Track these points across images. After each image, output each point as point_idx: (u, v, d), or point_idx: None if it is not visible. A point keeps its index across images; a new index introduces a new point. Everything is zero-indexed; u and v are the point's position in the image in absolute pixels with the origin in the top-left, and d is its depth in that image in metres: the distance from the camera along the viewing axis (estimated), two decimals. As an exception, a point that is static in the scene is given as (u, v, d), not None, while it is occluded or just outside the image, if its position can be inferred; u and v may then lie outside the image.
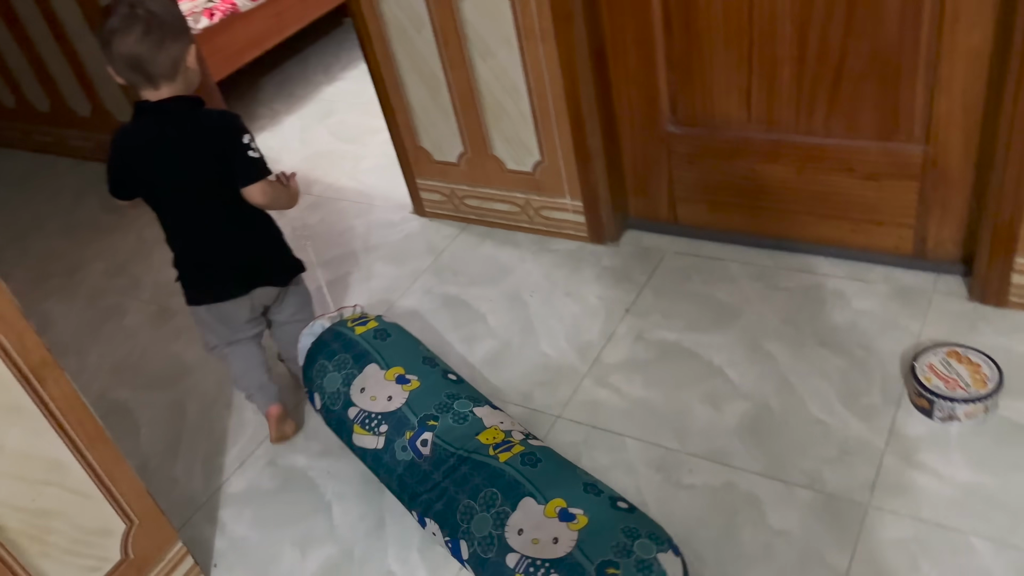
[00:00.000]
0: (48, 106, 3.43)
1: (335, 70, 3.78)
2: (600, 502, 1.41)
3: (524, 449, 1.52)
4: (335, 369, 1.74)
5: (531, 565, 1.34)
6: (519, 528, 1.39)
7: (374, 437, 1.64)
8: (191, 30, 1.69)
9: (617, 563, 1.29)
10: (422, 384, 1.68)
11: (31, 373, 1.27)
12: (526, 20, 1.97)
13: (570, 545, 1.34)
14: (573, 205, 2.28)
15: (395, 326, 1.85)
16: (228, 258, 1.80)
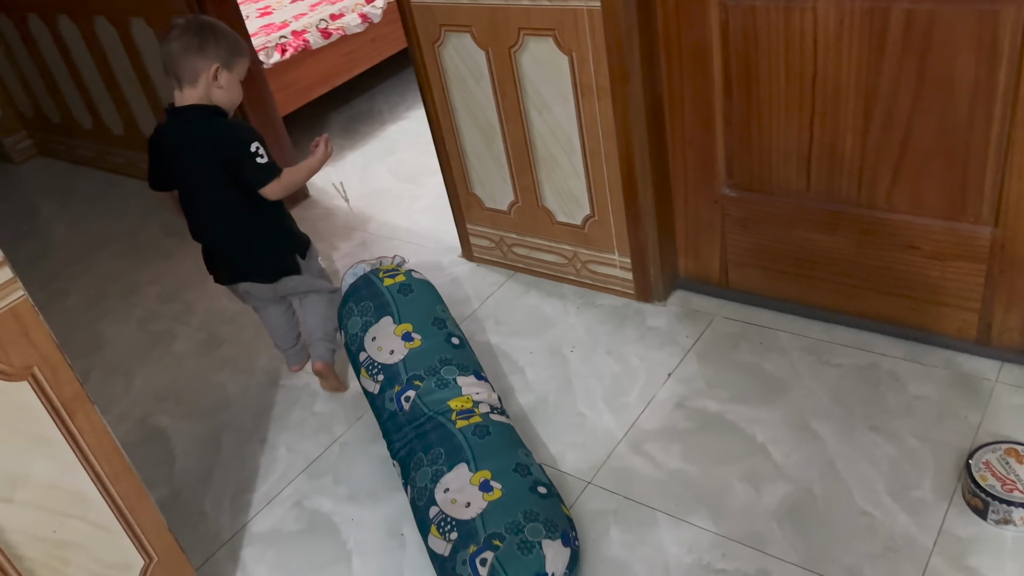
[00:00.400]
0: (122, 129, 3.57)
1: (400, 109, 3.84)
2: (521, 483, 1.59)
3: (481, 421, 1.73)
4: (359, 314, 1.95)
5: (443, 520, 1.56)
6: (446, 487, 1.61)
7: (373, 383, 1.87)
8: (230, 54, 1.86)
9: (504, 537, 1.48)
10: (422, 344, 1.87)
11: (62, 406, 1.29)
12: (584, 77, 1.96)
13: (477, 512, 1.54)
14: (621, 261, 2.24)
15: (422, 282, 2.02)
16: (221, 251, 2.06)
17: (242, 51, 1.90)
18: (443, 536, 1.55)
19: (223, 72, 1.84)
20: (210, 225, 2.00)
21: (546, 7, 1.91)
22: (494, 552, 1.46)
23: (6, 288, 1.19)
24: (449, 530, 1.54)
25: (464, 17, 2.07)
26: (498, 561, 1.45)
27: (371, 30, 3.70)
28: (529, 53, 2.02)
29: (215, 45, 1.83)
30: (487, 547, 1.47)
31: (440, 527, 1.56)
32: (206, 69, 1.82)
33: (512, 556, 1.46)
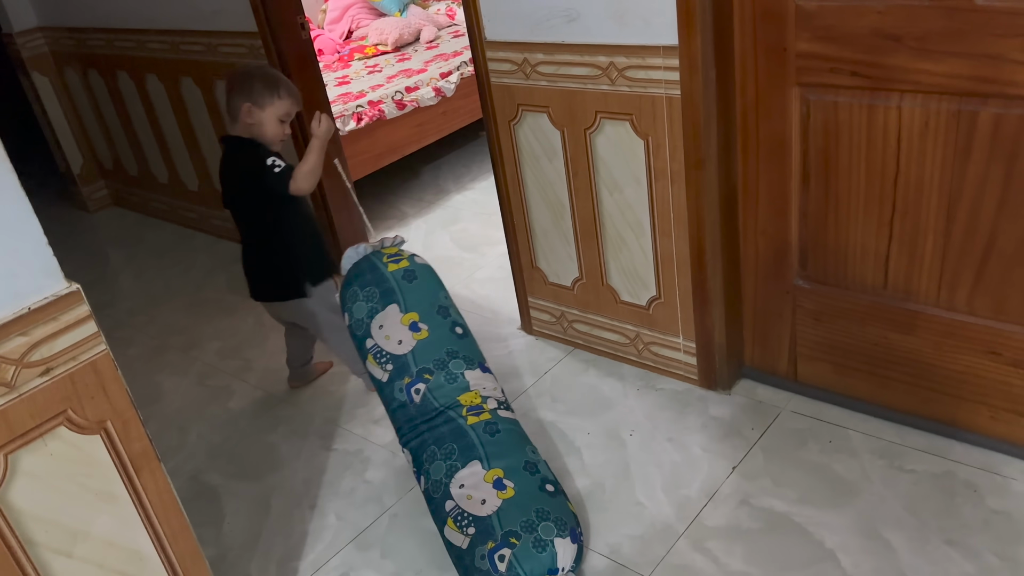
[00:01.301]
0: (196, 185, 3.68)
1: (465, 180, 3.90)
2: (531, 481, 1.73)
3: (490, 418, 1.83)
4: (364, 300, 1.97)
5: (460, 515, 1.70)
6: (461, 483, 1.73)
7: (382, 371, 1.92)
8: (262, 95, 2.09)
9: (520, 536, 1.63)
10: (430, 335, 1.92)
11: (130, 462, 1.29)
12: (658, 161, 1.97)
13: (493, 509, 1.67)
14: (686, 346, 2.20)
15: (424, 267, 2.05)
16: (245, 269, 2.34)
17: (276, 92, 2.10)
18: (460, 530, 1.69)
19: (255, 110, 2.08)
20: (243, 242, 2.29)
21: (625, 93, 1.93)
22: (511, 549, 1.62)
23: (89, 342, 1.21)
24: (466, 524, 1.68)
25: (542, 98, 2.11)
26: (515, 558, 1.61)
27: (443, 103, 3.79)
28: (604, 135, 2.04)
29: (250, 87, 2.08)
30: (504, 544, 1.62)
31: (457, 521, 1.69)
32: (239, 108, 2.09)
33: (528, 553, 1.61)
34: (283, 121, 2.13)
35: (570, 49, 1.98)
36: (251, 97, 2.08)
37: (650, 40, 1.82)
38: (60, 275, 1.17)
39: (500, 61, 2.15)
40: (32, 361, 1.15)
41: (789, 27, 1.72)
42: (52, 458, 1.20)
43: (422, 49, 4.37)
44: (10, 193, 1.11)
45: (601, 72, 1.95)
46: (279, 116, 2.11)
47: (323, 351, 2.56)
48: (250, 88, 2.08)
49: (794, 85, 1.77)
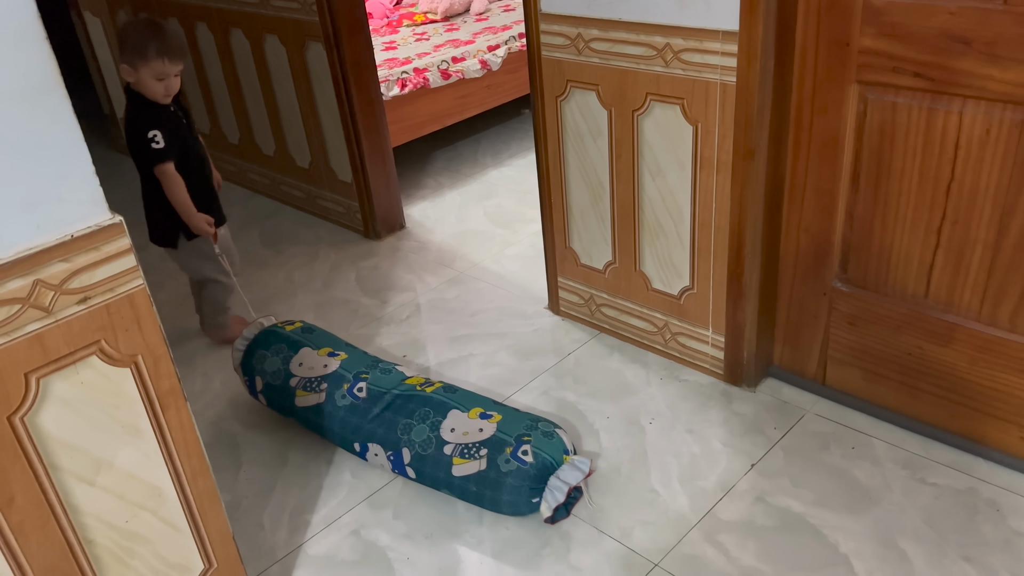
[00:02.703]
0: (238, 139, 3.70)
1: (504, 156, 3.88)
2: (509, 410, 1.91)
3: (443, 385, 1.98)
4: (273, 355, 2.13)
5: (465, 449, 1.79)
6: (451, 428, 1.84)
7: (316, 395, 2.02)
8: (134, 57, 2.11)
9: (529, 434, 1.80)
10: (350, 356, 2.10)
11: (157, 399, 1.30)
12: (706, 149, 1.94)
13: (492, 430, 1.81)
14: (714, 339, 2.18)
15: (317, 327, 2.26)
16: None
17: (145, 54, 2.10)
18: (472, 458, 1.78)
19: (130, 71, 2.12)
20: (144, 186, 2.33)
21: (678, 76, 1.90)
22: (529, 444, 1.77)
23: (128, 275, 1.21)
24: (476, 451, 1.79)
25: (593, 75, 2.08)
26: (537, 448, 1.76)
27: (488, 77, 3.77)
28: (653, 118, 2.01)
29: (124, 47, 2.12)
30: (521, 443, 1.77)
31: (464, 454, 1.79)
32: (120, 67, 2.16)
33: (543, 443, 1.78)
34: (161, 79, 2.14)
35: (626, 27, 1.95)
36: (126, 58, 2.11)
37: (710, 23, 1.79)
38: (105, 206, 1.18)
39: (553, 35, 2.12)
40: (71, 288, 1.16)
41: (855, 22, 1.67)
42: (83, 386, 1.22)
43: (471, 20, 4.34)
44: (64, 120, 1.11)
45: (656, 53, 1.92)
46: (154, 76, 2.12)
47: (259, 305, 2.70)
48: (126, 48, 2.11)
49: (853, 82, 1.73)
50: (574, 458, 1.79)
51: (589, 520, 1.81)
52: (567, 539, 1.78)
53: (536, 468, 1.73)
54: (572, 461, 1.78)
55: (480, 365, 2.39)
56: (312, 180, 3.37)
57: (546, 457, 1.75)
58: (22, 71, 1.06)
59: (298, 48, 3.03)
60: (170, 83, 2.17)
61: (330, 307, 2.77)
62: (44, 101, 1.09)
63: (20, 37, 1.05)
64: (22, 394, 1.16)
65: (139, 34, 2.13)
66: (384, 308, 2.74)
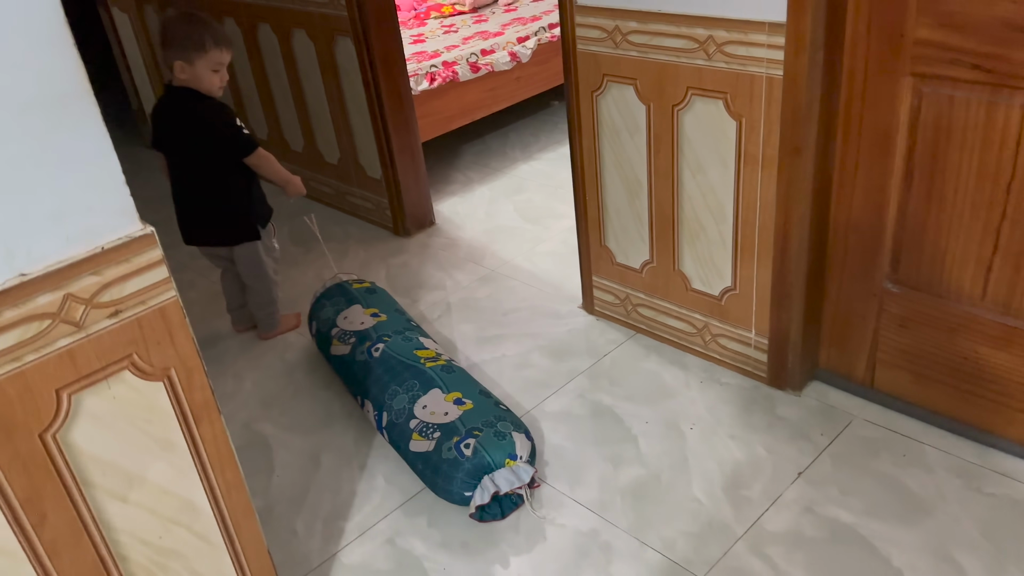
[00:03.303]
0: (266, 133, 3.67)
1: (533, 149, 3.82)
2: (487, 401, 1.94)
3: (445, 363, 2.07)
4: (331, 306, 2.37)
5: (425, 427, 1.88)
6: (424, 405, 1.93)
7: (345, 346, 2.22)
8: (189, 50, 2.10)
9: (482, 429, 1.82)
10: (388, 319, 2.27)
11: (191, 412, 1.27)
12: (750, 145, 1.87)
13: (455, 416, 1.87)
14: (757, 341, 2.11)
15: (383, 289, 2.46)
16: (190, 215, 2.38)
17: (203, 46, 2.10)
18: (426, 437, 1.86)
19: (186, 67, 2.11)
20: (185, 191, 2.33)
21: (721, 69, 1.83)
22: (475, 439, 1.80)
23: (160, 287, 1.18)
24: (431, 431, 1.86)
25: (631, 69, 2.01)
26: (480, 444, 1.79)
27: (517, 69, 3.71)
28: (693, 113, 1.94)
29: (178, 42, 2.10)
30: (469, 436, 1.81)
31: (422, 432, 1.87)
32: (172, 63, 2.12)
33: (490, 441, 1.80)
34: (216, 71, 2.15)
35: (666, 19, 1.88)
36: (181, 54, 2.10)
37: (755, 15, 1.71)
38: (136, 216, 1.14)
39: (589, 27, 2.05)
40: (102, 302, 1.13)
41: (910, 11, 1.59)
42: (115, 401, 1.18)
43: (500, 11, 4.27)
44: (93, 128, 1.07)
45: (698, 46, 1.85)
46: (211, 68, 2.13)
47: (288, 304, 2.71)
48: (178, 43, 2.10)
49: (907, 75, 1.65)
50: (518, 465, 1.79)
51: (630, 531, 1.76)
52: (607, 550, 1.73)
53: (471, 463, 1.76)
54: (514, 467, 1.78)
55: (513, 367, 2.34)
56: (341, 176, 3.34)
57: (485, 456, 1.77)
58: (48, 78, 1.02)
59: (326, 43, 2.98)
60: (223, 74, 2.18)
61: (361, 306, 2.73)
62: (71, 109, 1.05)
63: (46, 43, 1.01)
64: (53, 411, 1.12)
65: (191, 27, 2.11)
66: (415, 307, 2.69)
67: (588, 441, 2.03)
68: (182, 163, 2.29)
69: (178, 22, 2.14)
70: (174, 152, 2.29)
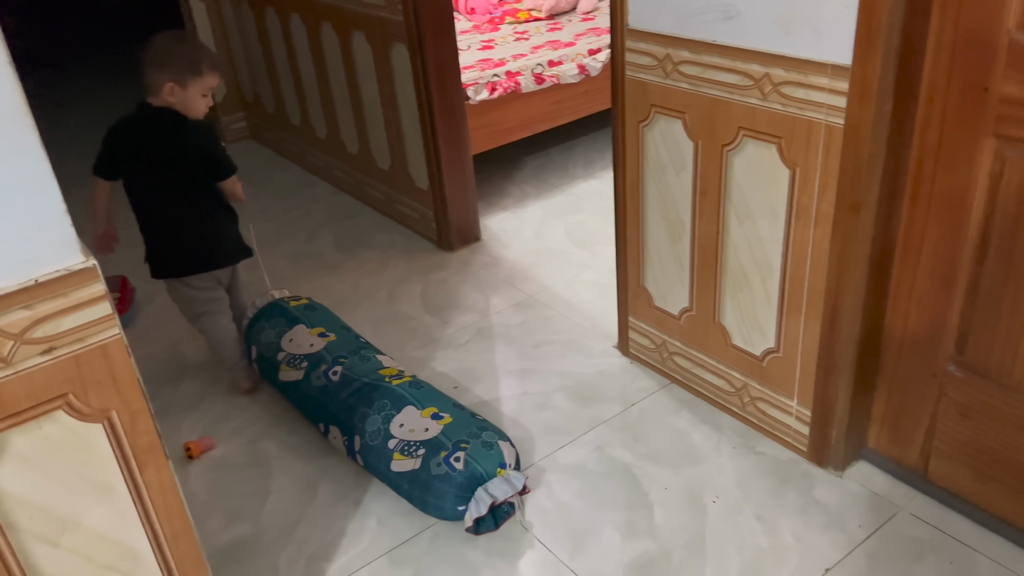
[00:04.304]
0: (325, 133, 3.62)
1: (596, 167, 3.65)
2: (463, 414, 1.92)
3: (411, 380, 2.03)
4: (271, 328, 2.25)
5: (406, 445, 1.83)
6: (401, 423, 1.88)
7: (296, 371, 2.13)
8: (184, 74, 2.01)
9: (468, 441, 1.81)
10: (338, 338, 2.20)
11: (134, 456, 1.17)
12: (803, 196, 1.67)
13: (437, 432, 1.84)
14: (799, 411, 1.90)
15: (321, 305, 2.37)
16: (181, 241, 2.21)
17: (199, 70, 2.02)
18: (409, 456, 1.82)
19: (177, 89, 2.01)
20: (168, 216, 2.15)
21: (777, 111, 1.64)
22: (464, 451, 1.78)
23: (101, 324, 1.08)
24: (415, 449, 1.82)
25: (680, 102, 1.84)
26: (470, 456, 1.77)
27: (586, 82, 3.54)
28: (744, 156, 1.75)
29: (173, 64, 2.00)
30: (457, 449, 1.79)
31: (404, 451, 1.83)
32: (163, 84, 2.00)
33: (479, 452, 1.79)
34: (205, 96, 2.07)
35: (721, 51, 1.69)
36: (175, 76, 2.00)
37: (817, 55, 1.52)
38: (77, 248, 1.05)
39: (639, 53, 1.88)
40: (34, 338, 1.04)
41: (997, 64, 1.37)
42: (46, 442, 1.10)
43: (576, 20, 4.11)
44: (29, 154, 0.98)
45: (753, 83, 1.66)
46: (202, 92, 2.06)
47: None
48: (172, 65, 2.00)
49: (990, 135, 1.42)
50: (509, 473, 1.79)
51: (627, 614, 1.60)
52: (598, 634, 1.57)
53: (464, 476, 1.74)
54: (506, 476, 1.78)
55: (533, 407, 2.19)
56: (391, 183, 3.25)
57: (476, 467, 1.75)
58: (-20, 98, 0.93)
59: (383, 47, 2.89)
60: (209, 99, 2.09)
61: (390, 322, 2.63)
62: (6, 131, 0.96)
63: (-24, 60, 0.92)
64: (-24, 449, 1.05)
65: (188, 49, 2.04)
66: (444, 329, 2.58)
67: (598, 503, 1.87)
68: (160, 186, 2.11)
69: (173, 42, 2.05)
70: (147, 174, 2.10)
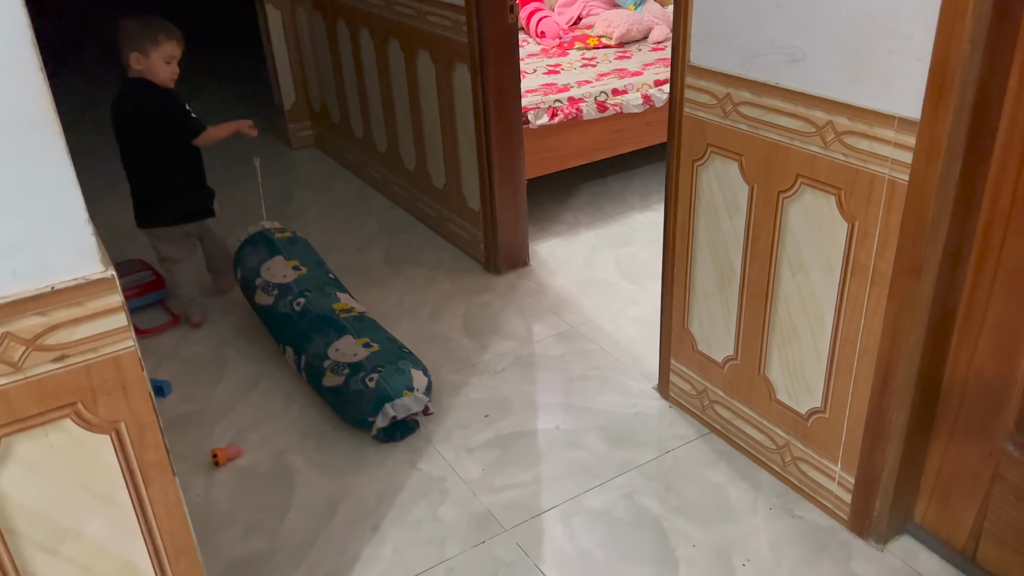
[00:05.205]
0: (385, 147, 3.64)
1: (653, 199, 3.57)
2: (394, 346, 2.25)
3: (358, 315, 2.38)
4: (254, 255, 2.56)
5: (336, 365, 2.18)
6: (336, 348, 2.22)
7: (268, 297, 2.47)
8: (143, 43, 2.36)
9: (385, 366, 2.13)
10: (308, 273, 2.51)
11: (140, 471, 1.16)
12: (860, 253, 1.58)
13: (362, 356, 2.17)
14: (842, 477, 1.79)
15: (302, 239, 2.66)
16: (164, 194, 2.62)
17: (156, 38, 2.35)
18: (336, 374, 2.16)
19: (141, 58, 2.36)
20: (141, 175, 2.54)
21: (838, 161, 1.55)
22: (378, 374, 2.10)
23: (115, 335, 1.07)
24: (341, 369, 2.16)
25: (738, 143, 1.76)
26: (382, 378, 2.09)
27: (649, 113, 3.47)
28: (801, 204, 1.67)
29: (132, 35, 2.35)
30: (373, 371, 2.11)
31: (333, 369, 2.17)
32: (129, 55, 2.37)
33: (390, 375, 2.11)
34: (168, 63, 2.39)
35: (784, 94, 1.62)
36: (137, 47, 2.35)
37: (885, 106, 1.43)
38: (97, 257, 1.04)
39: (699, 91, 1.82)
40: (46, 344, 1.03)
41: (1084, 126, 1.27)
42: (52, 450, 1.09)
43: (646, 49, 4.06)
44: (54, 160, 0.98)
45: (815, 130, 1.58)
46: (164, 59, 2.38)
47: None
48: (135, 39, 2.35)
49: (1071, 203, 1.32)
50: (415, 395, 2.10)
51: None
52: None
53: (374, 393, 2.06)
54: (412, 396, 2.09)
55: (564, 444, 2.13)
56: (444, 202, 3.24)
57: (385, 387, 2.07)
58: (9, 103, 0.93)
59: (446, 67, 2.89)
60: (174, 67, 2.42)
61: (429, 343, 2.60)
62: (33, 137, 0.96)
63: (8, 65, 0.92)
64: (-19, 451, 1.04)
65: (146, 24, 2.38)
66: (482, 354, 2.53)
67: (622, 553, 1.79)
68: (141, 148, 2.49)
69: (134, 21, 2.39)
70: (132, 138, 2.48)
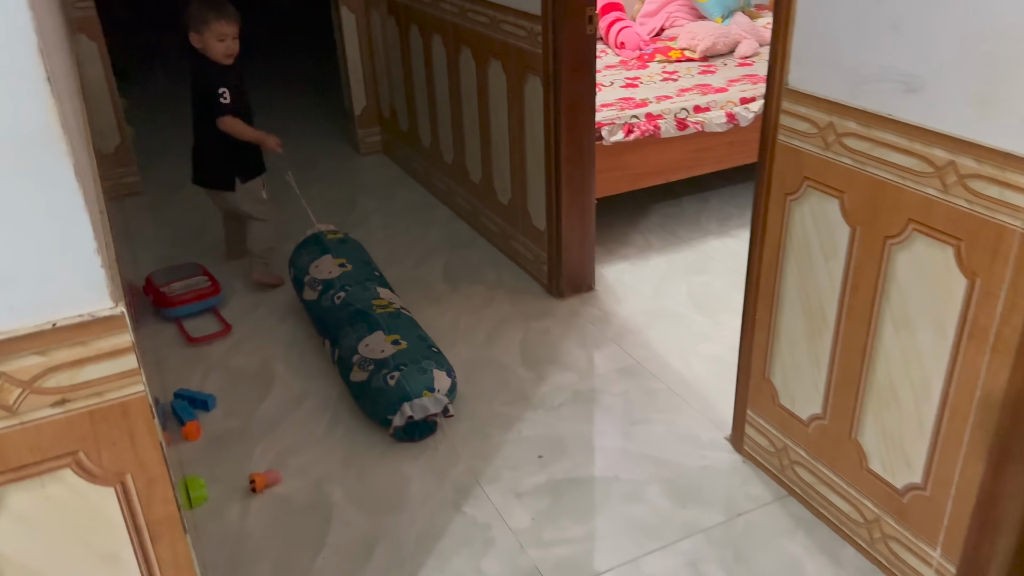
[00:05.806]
0: (452, 158, 3.51)
1: (732, 224, 3.35)
2: (422, 343, 2.26)
3: (394, 311, 2.39)
4: (306, 255, 2.68)
5: (363, 360, 2.20)
6: (366, 343, 2.23)
7: (313, 292, 2.56)
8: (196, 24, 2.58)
9: (408, 365, 2.14)
10: (353, 269, 2.59)
11: (147, 527, 1.04)
12: (981, 314, 1.36)
13: (389, 354, 2.18)
14: (941, 564, 1.57)
15: (353, 240, 2.77)
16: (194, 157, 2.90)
17: (207, 18, 2.55)
18: (362, 369, 2.18)
19: (197, 37, 2.58)
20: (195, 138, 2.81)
21: (960, 208, 1.34)
22: (399, 372, 2.11)
23: (124, 379, 0.95)
24: (367, 365, 2.18)
25: (839, 179, 1.56)
26: (403, 377, 2.10)
27: (733, 132, 3.26)
28: (911, 253, 1.46)
29: (189, 18, 2.58)
30: (396, 369, 2.12)
31: (360, 365, 2.20)
32: (190, 34, 2.60)
33: (412, 375, 2.11)
34: (222, 40, 2.57)
35: (897, 127, 1.42)
36: (194, 27, 2.56)
37: (1021, 148, 1.22)
38: (105, 291, 0.92)
39: (797, 118, 1.63)
40: (45, 387, 0.92)
41: None
42: (49, 503, 0.97)
43: (732, 64, 3.84)
44: (60, 178, 0.86)
45: (933, 171, 1.37)
46: (216, 37, 2.56)
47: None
48: (192, 20, 2.56)
49: None
50: (435, 395, 2.09)
51: None
52: None
53: (394, 392, 2.08)
54: (432, 396, 2.08)
55: (622, 496, 1.95)
56: (509, 218, 3.09)
57: (405, 386, 2.08)
58: (8, 116, 0.82)
59: (518, 79, 2.74)
60: (229, 44, 2.58)
61: (482, 370, 2.45)
62: (36, 154, 0.84)
63: (9, 74, 0.80)
64: (-31, 501, 0.93)
65: (201, 6, 2.57)
66: (538, 386, 2.37)
67: (680, 630, 1.61)
68: (193, 114, 2.73)
69: (195, 4, 2.58)
70: (193, 103, 2.71)
